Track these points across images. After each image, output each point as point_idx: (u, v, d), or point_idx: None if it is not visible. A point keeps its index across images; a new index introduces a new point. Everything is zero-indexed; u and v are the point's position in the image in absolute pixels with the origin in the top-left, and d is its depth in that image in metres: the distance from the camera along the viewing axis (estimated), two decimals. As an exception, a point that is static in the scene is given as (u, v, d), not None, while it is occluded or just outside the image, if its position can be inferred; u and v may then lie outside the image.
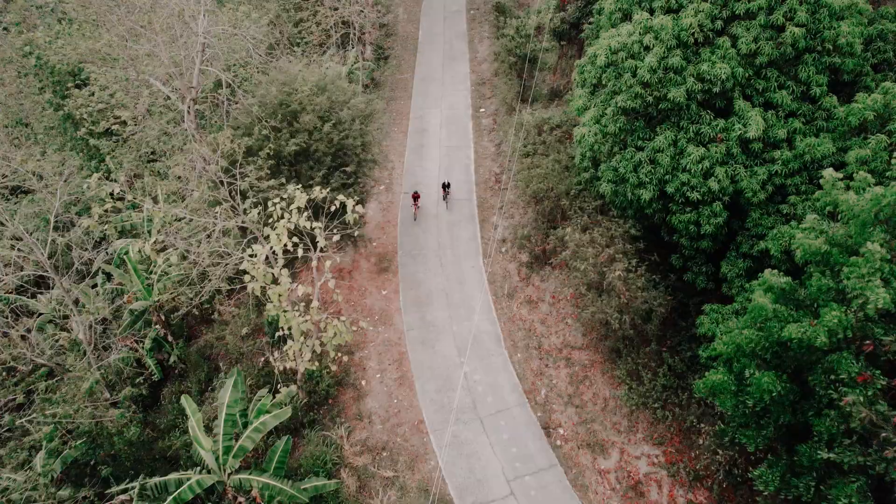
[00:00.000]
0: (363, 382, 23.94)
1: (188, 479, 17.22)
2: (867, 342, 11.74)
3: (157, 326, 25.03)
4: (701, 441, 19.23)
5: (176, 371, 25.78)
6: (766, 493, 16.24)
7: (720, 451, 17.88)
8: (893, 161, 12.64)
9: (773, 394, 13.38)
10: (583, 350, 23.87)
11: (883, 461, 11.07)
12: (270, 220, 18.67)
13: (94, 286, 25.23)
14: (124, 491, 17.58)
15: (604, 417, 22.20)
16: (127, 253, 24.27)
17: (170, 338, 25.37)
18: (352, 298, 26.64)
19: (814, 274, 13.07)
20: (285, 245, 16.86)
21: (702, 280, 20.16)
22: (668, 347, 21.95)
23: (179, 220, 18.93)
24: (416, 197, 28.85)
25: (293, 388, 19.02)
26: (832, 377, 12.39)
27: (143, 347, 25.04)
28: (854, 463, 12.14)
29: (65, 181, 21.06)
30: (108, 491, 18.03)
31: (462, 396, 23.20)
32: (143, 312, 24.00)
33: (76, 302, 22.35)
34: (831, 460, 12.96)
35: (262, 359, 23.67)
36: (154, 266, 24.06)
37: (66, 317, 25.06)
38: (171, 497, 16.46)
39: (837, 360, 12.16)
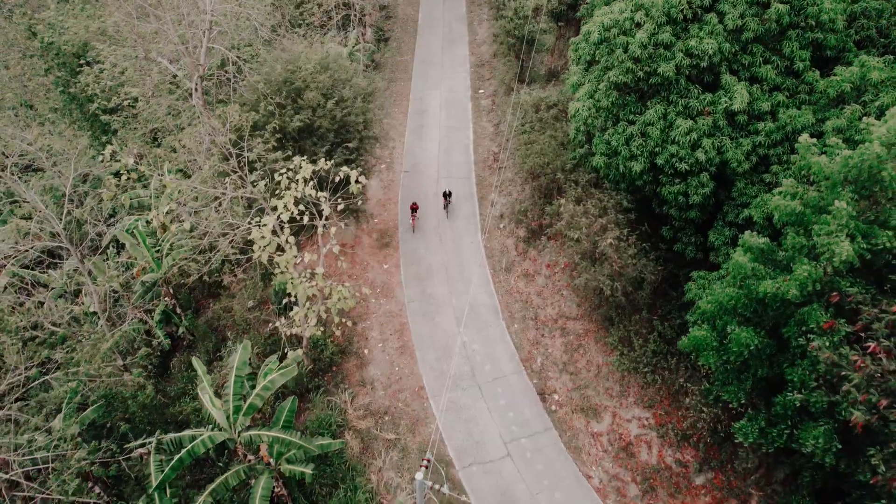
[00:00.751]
0: (366, 351, 25.08)
1: (201, 436, 18.38)
2: (833, 294, 12.80)
3: (166, 299, 26.15)
4: (688, 401, 20.37)
5: (184, 343, 26.94)
6: (746, 446, 17.45)
7: (705, 409, 19.01)
8: (861, 126, 13.61)
9: (752, 347, 14.48)
10: (577, 320, 24.98)
11: (845, 401, 12.15)
12: (277, 191, 19.67)
13: (106, 260, 26.31)
14: (142, 445, 18.75)
15: (597, 383, 23.36)
16: (137, 228, 25.35)
17: (178, 310, 26.49)
18: (354, 272, 27.70)
19: (789, 234, 14.11)
20: (292, 214, 17.88)
21: (691, 250, 21.20)
22: (658, 316, 23.05)
23: (190, 191, 19.89)
24: (414, 208, 28.44)
25: (299, 352, 20.12)
26: (804, 328, 13.47)
27: (152, 319, 26.21)
28: (821, 407, 13.24)
29: (76, 157, 22.00)
30: (127, 446, 19.21)
31: (461, 364, 24.34)
32: (153, 284, 25.09)
33: (89, 273, 23.39)
34: (802, 407, 14.09)
35: (269, 328, 24.79)
36: (163, 241, 25.13)
37: (77, 292, 26.17)
38: (185, 450, 17.61)
39: (808, 311, 13.23)
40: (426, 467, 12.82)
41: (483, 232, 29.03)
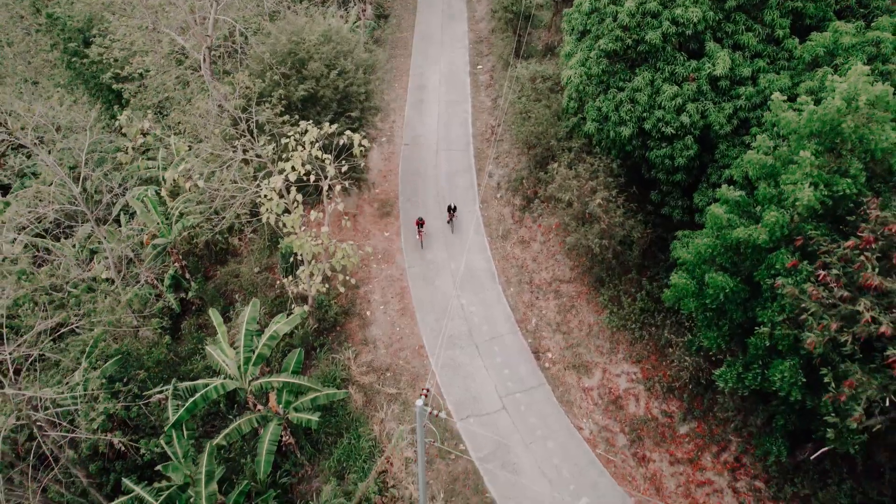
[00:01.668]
0: (368, 313, 26.52)
1: (214, 383, 19.86)
2: (798, 238, 14.13)
3: (176, 264, 27.56)
4: (670, 350, 21.80)
5: (193, 307, 28.36)
6: (726, 392, 18.94)
7: (688, 359, 20.46)
8: (826, 84, 14.84)
9: (727, 290, 15.87)
10: (570, 283, 26.39)
11: (808, 335, 13.52)
12: (285, 154, 20.95)
13: (118, 227, 27.65)
14: (159, 392, 20.24)
15: (588, 342, 24.82)
16: (147, 196, 26.64)
17: (187, 275, 27.90)
18: (356, 239, 29.05)
19: (761, 186, 15.43)
20: (299, 174, 19.20)
21: (678, 213, 22.54)
22: (647, 277, 24.44)
23: (201, 153, 21.14)
24: (420, 223, 27.87)
25: (305, 307, 21.52)
26: (772, 271, 14.84)
27: (162, 285, 27.63)
28: (787, 343, 14.65)
29: (91, 124, 23.24)
30: (146, 393, 20.71)
31: (459, 325, 25.79)
32: (163, 249, 26.44)
33: (104, 238, 24.72)
34: (772, 346, 15.51)
35: (276, 288, 26.18)
36: (173, 208, 26.44)
37: (89, 260, 27.51)
38: (199, 394, 19.09)
39: (776, 255, 14.60)
40: (426, 396, 14.24)
41: (480, 202, 30.34)
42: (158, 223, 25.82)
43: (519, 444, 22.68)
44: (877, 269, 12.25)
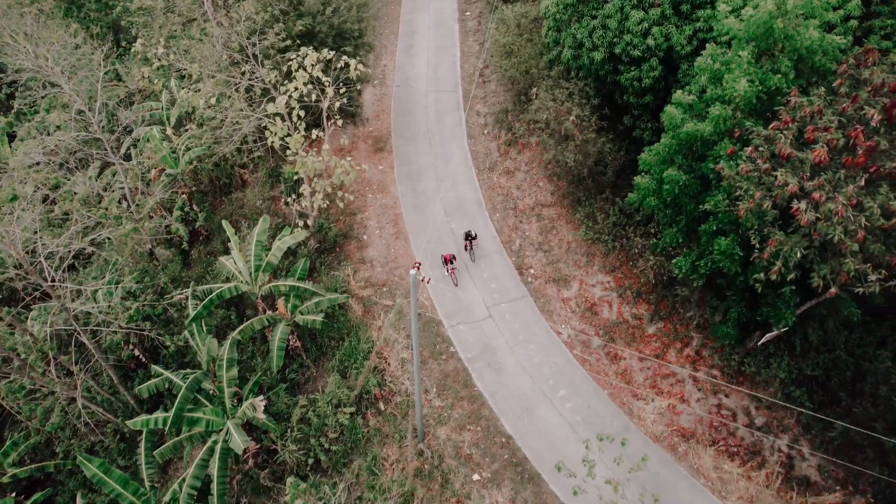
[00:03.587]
0: (365, 236, 29.06)
1: (228, 286, 22.40)
2: (737, 129, 16.64)
3: (183, 196, 29.84)
4: (637, 254, 24.51)
5: (201, 237, 30.74)
6: (680, 277, 21.67)
7: (652, 258, 23.17)
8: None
9: (681, 184, 18.45)
10: (551, 207, 28.98)
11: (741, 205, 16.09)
12: (287, 81, 23.14)
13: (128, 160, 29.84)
14: (180, 294, 22.75)
15: (567, 258, 27.52)
16: (153, 134, 28.72)
17: (194, 206, 30.21)
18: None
19: (708, 88, 17.89)
20: (301, 93, 21.44)
21: (647, 134, 25.02)
22: (620, 196, 27.04)
23: (208, 78, 23.28)
24: (450, 260, 26.53)
25: (308, 223, 23.96)
26: (717, 160, 17.41)
27: (171, 215, 29.93)
28: (727, 220, 17.31)
29: (103, 57, 25.23)
30: (167, 295, 23.24)
31: (449, 247, 28.35)
32: (172, 179, 28.70)
33: (120, 163, 26.89)
34: (718, 230, 18.17)
35: (279, 216, 28.57)
36: (180, 143, 28.58)
37: (99, 199, 29.69)
38: (215, 293, 21.62)
39: (720, 145, 17.15)
40: (418, 268, 16.78)
41: (468, 137, 32.69)
42: (167, 154, 28.02)
43: (504, 346, 25.48)
44: (790, 142, 14.80)
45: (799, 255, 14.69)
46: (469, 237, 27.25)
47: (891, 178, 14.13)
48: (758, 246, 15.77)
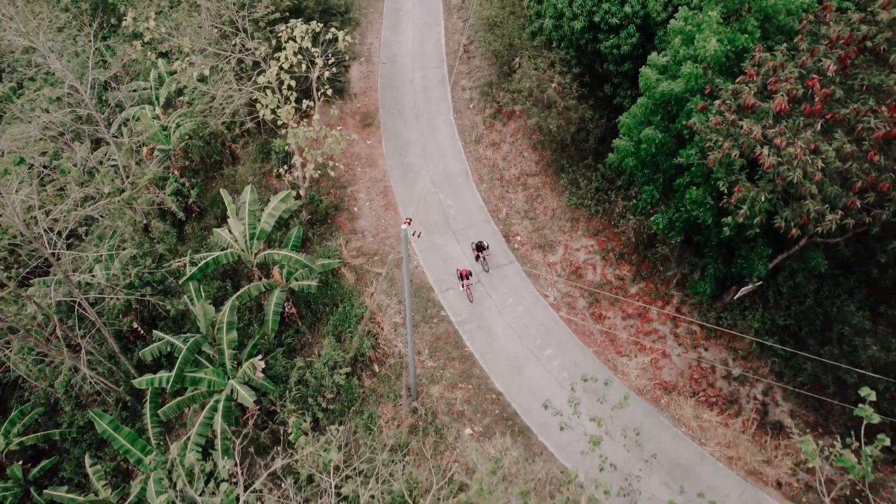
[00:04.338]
0: (355, 208, 29.99)
1: (224, 252, 23.28)
2: (707, 86, 17.76)
3: (175, 172, 30.55)
4: (618, 211, 25.68)
5: (194, 214, 31.50)
6: (659, 235, 22.87)
7: (633, 218, 24.34)
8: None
9: (657, 141, 19.57)
10: (536, 176, 30.06)
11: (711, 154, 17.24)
12: (276, 54, 23.92)
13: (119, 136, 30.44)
14: (178, 261, 23.59)
15: (552, 224, 28.64)
16: (143, 113, 29.32)
17: (186, 183, 30.93)
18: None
19: (681, 49, 18.98)
20: (291, 63, 22.25)
21: (627, 101, 26.06)
22: (602, 163, 28.16)
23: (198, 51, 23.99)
24: (466, 275, 25.75)
25: (301, 195, 24.84)
26: (689, 116, 18.53)
27: (163, 192, 30.63)
28: (699, 173, 18.47)
29: (93, 34, 25.79)
30: (165, 264, 24.08)
31: (437, 216, 29.40)
32: (165, 157, 29.38)
33: (112, 140, 27.53)
34: (690, 181, 19.33)
35: (270, 190, 29.40)
36: (170, 121, 29.23)
37: (97, 168, 30.32)
38: (212, 257, 22.49)
39: (692, 102, 18.27)
40: (409, 223, 17.81)
41: (454, 112, 33.61)
42: (158, 131, 28.67)
43: (492, 310, 26.60)
44: (753, 94, 15.96)
45: (763, 198, 15.87)
46: (480, 248, 26.33)
47: (845, 123, 15.32)
48: (727, 192, 16.95)
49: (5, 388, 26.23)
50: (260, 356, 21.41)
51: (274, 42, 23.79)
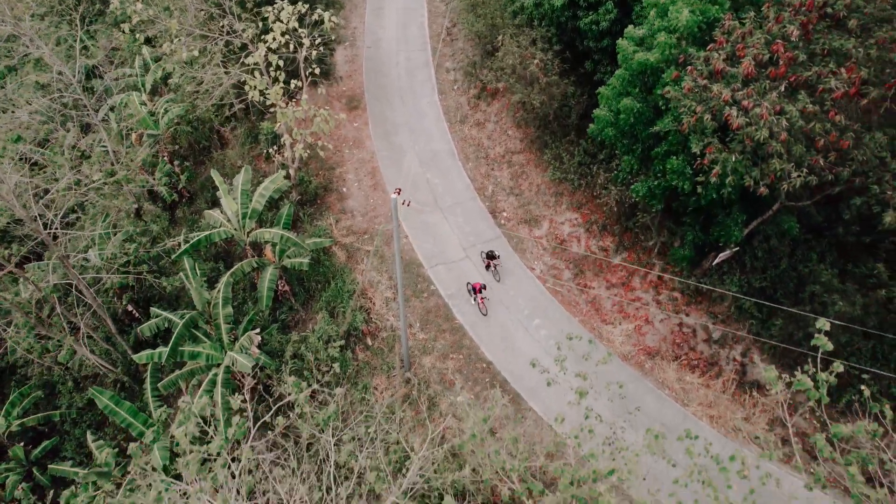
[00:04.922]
0: (344, 189, 30.70)
1: (217, 230, 23.92)
2: (681, 56, 18.71)
3: (165, 157, 31.03)
4: (600, 183, 26.65)
5: (184, 199, 32.03)
6: (640, 203, 23.83)
7: (614, 188, 25.32)
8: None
9: (635, 111, 20.50)
10: (520, 153, 30.95)
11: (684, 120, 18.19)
12: (263, 37, 24.49)
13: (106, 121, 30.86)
14: (172, 240, 24.20)
15: (537, 199, 29.57)
16: (131, 99, 29.71)
17: (176, 168, 31.43)
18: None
19: (656, 21, 19.90)
20: (279, 43, 22.86)
21: (607, 77, 26.87)
22: (584, 138, 29.11)
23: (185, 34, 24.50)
24: (480, 289, 25.57)
25: (291, 175, 25.50)
26: (664, 86, 19.47)
27: (153, 178, 31.12)
28: (676, 141, 19.44)
29: (79, 18, 26.17)
30: (160, 243, 24.69)
31: (425, 195, 30.20)
32: (154, 142, 29.86)
33: (101, 126, 27.96)
34: (668, 151, 20.30)
35: (260, 173, 30.01)
36: (159, 107, 29.68)
37: (82, 157, 30.72)
38: (205, 234, 23.13)
39: (667, 72, 19.22)
40: (398, 193, 18.60)
41: (439, 93, 34.36)
42: (146, 116, 29.14)
43: (480, 283, 27.47)
44: (723, 59, 16.95)
45: (734, 159, 16.88)
46: (491, 257, 26.24)
47: (808, 85, 16.33)
48: (699, 154, 17.95)
49: (3, 372, 26.75)
50: (256, 330, 22.13)
51: (261, 24, 24.36)
